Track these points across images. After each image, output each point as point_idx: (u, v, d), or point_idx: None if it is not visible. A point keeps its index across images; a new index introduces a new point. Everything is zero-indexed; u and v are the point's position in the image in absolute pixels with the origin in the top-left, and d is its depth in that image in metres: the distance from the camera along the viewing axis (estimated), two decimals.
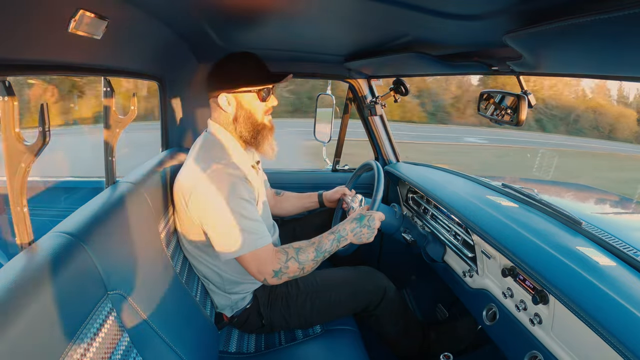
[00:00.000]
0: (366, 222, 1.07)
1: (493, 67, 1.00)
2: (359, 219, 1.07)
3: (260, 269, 0.97)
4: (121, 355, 0.65)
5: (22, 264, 0.57)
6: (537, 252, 0.84)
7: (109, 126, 0.97)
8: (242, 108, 1.06)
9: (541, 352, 0.78)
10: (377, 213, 1.10)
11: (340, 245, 1.06)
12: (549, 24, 0.55)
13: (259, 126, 1.08)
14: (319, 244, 1.03)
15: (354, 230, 1.06)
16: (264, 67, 1.07)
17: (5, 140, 0.61)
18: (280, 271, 0.98)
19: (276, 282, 1.00)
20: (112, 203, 0.84)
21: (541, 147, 10.00)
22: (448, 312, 1.48)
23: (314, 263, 1.02)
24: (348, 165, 1.85)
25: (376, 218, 1.08)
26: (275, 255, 0.99)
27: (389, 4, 0.70)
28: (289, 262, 0.99)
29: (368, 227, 1.07)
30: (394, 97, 1.53)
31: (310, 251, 1.01)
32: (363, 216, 1.08)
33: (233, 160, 1.03)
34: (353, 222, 1.07)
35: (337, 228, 1.06)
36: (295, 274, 1.01)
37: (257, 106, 1.07)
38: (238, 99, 1.05)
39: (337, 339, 1.12)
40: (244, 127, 1.07)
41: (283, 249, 1.01)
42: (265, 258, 0.98)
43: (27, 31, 0.58)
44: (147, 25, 0.94)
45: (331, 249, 1.04)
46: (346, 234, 1.05)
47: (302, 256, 1.00)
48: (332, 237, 1.04)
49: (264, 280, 0.99)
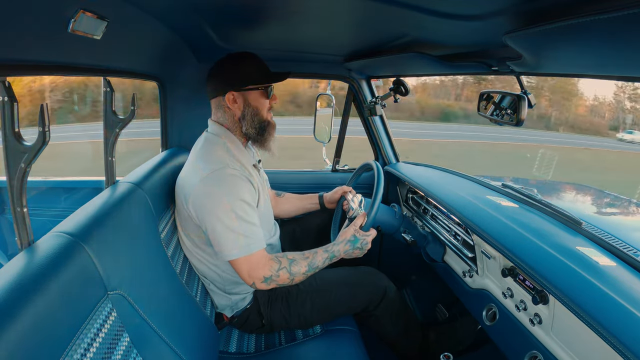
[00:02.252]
0: (359, 245, 1.11)
1: (493, 67, 1.00)
2: (353, 241, 1.11)
3: (251, 273, 0.99)
4: (121, 355, 0.65)
5: (21, 264, 0.57)
6: (537, 252, 0.84)
7: (109, 126, 0.97)
8: (249, 105, 1.07)
9: (541, 352, 0.78)
10: (370, 235, 1.13)
11: (331, 262, 1.10)
12: (548, 24, 0.55)
13: (264, 123, 1.10)
14: (312, 260, 1.06)
15: (347, 251, 1.11)
16: (265, 66, 1.09)
17: (5, 140, 0.61)
18: (270, 278, 1.01)
19: (264, 287, 1.02)
20: (112, 203, 0.84)
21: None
22: (448, 312, 1.48)
23: (304, 276, 1.06)
24: (348, 165, 1.85)
25: (369, 240, 1.12)
26: (268, 262, 1.01)
27: (389, 4, 0.70)
28: (280, 272, 1.02)
29: (360, 249, 1.11)
30: (394, 97, 1.53)
31: (302, 265, 1.05)
32: (357, 239, 1.11)
33: (235, 160, 1.04)
34: (347, 244, 1.10)
35: (331, 248, 1.09)
36: (284, 283, 1.04)
37: (263, 103, 1.09)
38: (245, 96, 1.07)
39: (337, 339, 1.12)
40: (250, 124, 1.08)
41: (277, 258, 1.04)
42: (257, 263, 0.99)
43: (27, 31, 0.58)
44: (147, 25, 0.94)
45: (322, 266, 1.08)
46: (339, 254, 1.10)
47: (295, 268, 1.03)
48: (325, 255, 1.08)
49: (253, 284, 1.01)
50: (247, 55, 1.07)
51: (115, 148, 0.99)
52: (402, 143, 1.83)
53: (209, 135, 1.10)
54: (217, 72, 1.07)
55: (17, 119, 0.61)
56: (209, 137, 1.09)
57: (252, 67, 1.06)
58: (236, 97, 1.06)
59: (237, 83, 1.05)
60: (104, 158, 0.98)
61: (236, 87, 1.05)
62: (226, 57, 1.07)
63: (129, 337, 0.68)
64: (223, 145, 1.06)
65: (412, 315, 1.32)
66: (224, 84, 1.06)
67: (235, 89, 1.05)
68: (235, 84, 1.05)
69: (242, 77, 1.05)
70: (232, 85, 1.05)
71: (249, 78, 1.06)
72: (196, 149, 1.08)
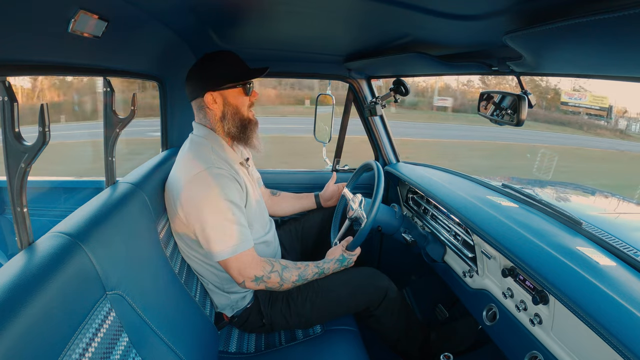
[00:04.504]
0: (346, 263, 1.17)
1: (493, 67, 1.00)
2: (341, 260, 1.17)
3: (242, 272, 1.00)
4: (120, 355, 0.65)
5: (20, 264, 0.57)
6: (537, 252, 0.83)
7: (109, 126, 0.97)
8: (229, 104, 1.07)
9: (541, 352, 0.78)
10: (355, 254, 1.19)
11: (319, 277, 1.15)
12: (549, 24, 0.55)
13: (245, 121, 1.10)
14: (303, 271, 1.10)
15: (335, 269, 1.17)
16: (243, 63, 1.09)
17: (5, 140, 0.61)
18: (261, 278, 1.02)
19: (253, 287, 1.04)
20: (111, 203, 0.84)
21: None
22: (448, 312, 1.48)
23: (292, 285, 1.09)
24: (348, 165, 1.85)
25: (354, 259, 1.19)
26: (260, 262, 1.03)
27: (389, 4, 0.70)
28: (272, 274, 1.03)
29: (346, 267, 1.19)
30: (394, 97, 1.53)
31: (294, 273, 1.08)
32: (345, 258, 1.17)
33: (220, 159, 1.04)
34: (336, 263, 1.16)
35: (322, 265, 1.15)
36: (273, 287, 1.06)
37: (242, 101, 1.09)
38: (224, 95, 1.06)
39: (337, 339, 1.12)
40: (231, 123, 1.08)
41: (270, 261, 1.06)
42: (248, 262, 1.00)
43: (27, 31, 0.58)
44: (147, 25, 0.94)
45: (311, 279, 1.13)
46: (328, 271, 1.16)
47: (286, 274, 1.06)
48: (316, 270, 1.13)
49: (243, 282, 1.02)
50: (223, 54, 1.07)
51: (115, 148, 0.99)
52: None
53: (194, 137, 1.10)
54: (194, 73, 1.06)
55: (17, 119, 0.61)
56: (194, 139, 1.09)
57: (229, 65, 1.06)
58: (215, 97, 1.06)
59: (214, 82, 1.04)
60: (104, 158, 0.98)
61: (214, 86, 1.05)
62: (203, 58, 1.06)
63: (127, 337, 0.68)
64: (208, 146, 1.06)
65: (413, 315, 1.32)
66: (201, 84, 1.05)
67: (213, 88, 1.05)
68: (212, 84, 1.04)
69: (219, 76, 1.05)
70: (210, 85, 1.04)
71: (225, 76, 1.05)
72: (183, 152, 1.09)
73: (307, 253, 1.45)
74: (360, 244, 1.17)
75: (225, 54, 1.07)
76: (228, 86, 1.06)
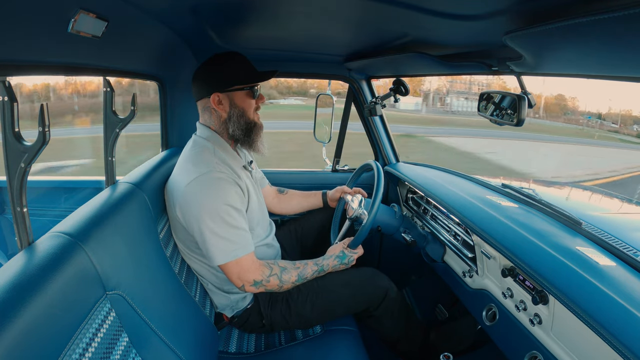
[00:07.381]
0: (346, 260, 1.16)
1: (493, 67, 1.00)
2: (341, 257, 1.16)
3: (241, 276, 1.00)
4: (120, 355, 0.65)
5: (19, 264, 0.57)
6: (537, 252, 0.84)
7: (109, 126, 0.97)
8: (235, 106, 1.06)
9: (541, 352, 0.78)
10: (357, 253, 1.18)
11: (319, 275, 1.14)
12: (548, 24, 0.55)
13: (251, 124, 1.09)
14: (302, 270, 1.10)
15: (335, 266, 1.15)
16: (252, 66, 1.08)
17: (5, 140, 0.61)
18: (260, 282, 1.02)
19: (253, 290, 1.04)
20: (111, 203, 0.84)
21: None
22: (448, 312, 1.48)
23: (292, 285, 1.09)
24: (348, 165, 1.85)
25: (355, 257, 1.17)
26: (259, 267, 1.02)
27: (389, 4, 0.70)
28: (271, 278, 1.03)
29: (346, 265, 1.17)
30: (394, 97, 1.53)
31: (293, 274, 1.07)
32: (345, 255, 1.16)
33: (222, 163, 1.03)
34: (335, 260, 1.15)
35: (321, 262, 1.14)
36: (272, 289, 1.06)
37: (249, 104, 1.08)
38: (230, 97, 1.05)
39: (337, 339, 1.12)
40: (237, 125, 1.07)
41: (268, 264, 1.05)
42: (247, 267, 1.00)
43: (28, 31, 0.58)
44: (147, 25, 0.94)
45: (311, 277, 1.12)
46: (328, 268, 1.15)
47: (285, 276, 1.06)
48: (315, 268, 1.12)
49: (242, 286, 1.02)
50: (232, 55, 1.06)
51: (115, 148, 0.99)
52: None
53: (197, 139, 1.09)
54: (201, 74, 1.05)
55: (17, 119, 0.61)
56: (197, 140, 1.08)
57: (237, 67, 1.04)
58: (221, 98, 1.04)
59: (221, 84, 1.03)
60: (104, 158, 0.98)
61: (221, 87, 1.03)
62: (211, 59, 1.05)
63: (127, 337, 0.68)
64: (210, 149, 1.05)
65: (413, 315, 1.32)
66: (208, 85, 1.04)
67: (220, 89, 1.03)
68: (220, 85, 1.03)
69: (227, 78, 1.03)
70: (217, 86, 1.03)
71: (233, 78, 1.04)
72: (185, 153, 1.08)
73: (307, 254, 1.45)
74: (362, 241, 1.16)
75: (234, 55, 1.06)
76: (235, 88, 1.04)
